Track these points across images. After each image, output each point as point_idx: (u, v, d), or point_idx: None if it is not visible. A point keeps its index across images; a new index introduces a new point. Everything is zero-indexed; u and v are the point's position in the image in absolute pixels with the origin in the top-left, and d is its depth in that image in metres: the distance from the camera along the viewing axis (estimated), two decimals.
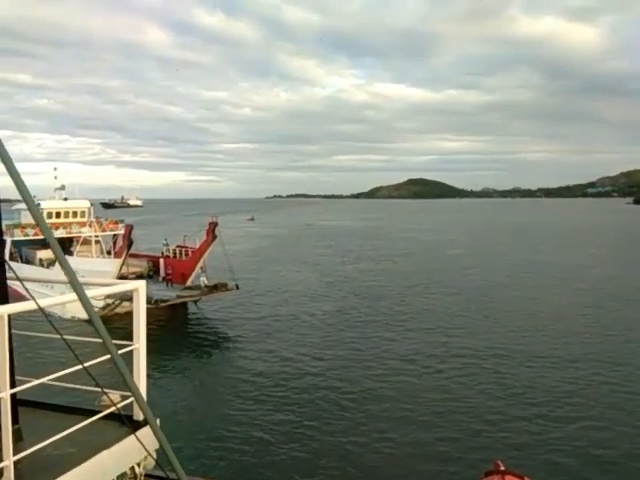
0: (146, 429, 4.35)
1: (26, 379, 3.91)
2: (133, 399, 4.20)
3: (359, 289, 38.23)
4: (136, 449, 4.32)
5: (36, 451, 3.58)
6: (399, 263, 52.73)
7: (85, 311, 3.34)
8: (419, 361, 21.40)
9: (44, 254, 34.61)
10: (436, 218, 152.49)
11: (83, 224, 36.99)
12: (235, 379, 19.90)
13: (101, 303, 26.61)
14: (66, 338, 3.87)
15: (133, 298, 4.64)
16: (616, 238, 78.12)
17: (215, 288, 29.59)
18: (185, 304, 30.67)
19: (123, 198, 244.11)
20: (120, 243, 33.43)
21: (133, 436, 4.29)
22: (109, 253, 35.10)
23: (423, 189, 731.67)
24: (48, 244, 3.25)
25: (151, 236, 57.67)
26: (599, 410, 16.45)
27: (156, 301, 26.90)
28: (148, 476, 5.03)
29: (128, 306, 23.88)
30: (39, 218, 3.15)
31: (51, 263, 32.13)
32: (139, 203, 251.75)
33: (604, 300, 33.37)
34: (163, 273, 31.95)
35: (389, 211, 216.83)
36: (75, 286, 3.27)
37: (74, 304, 3.41)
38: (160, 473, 4.97)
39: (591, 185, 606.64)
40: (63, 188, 39.53)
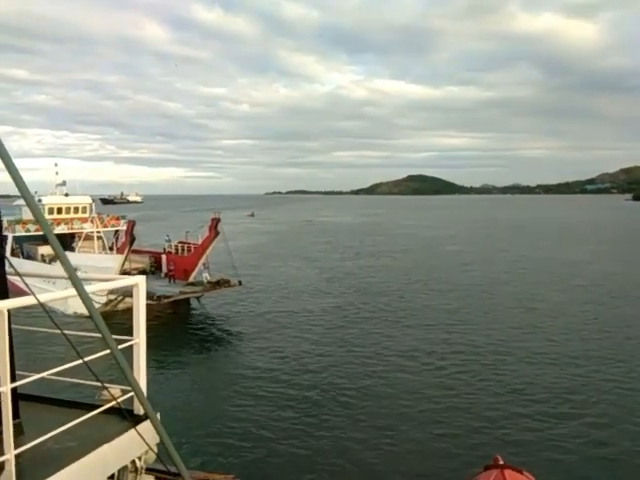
0: (146, 423, 4.41)
1: (27, 374, 3.91)
2: (133, 394, 4.28)
3: (359, 285, 38.28)
4: (137, 443, 4.35)
5: (37, 445, 3.59)
6: (399, 259, 52.76)
7: (85, 306, 3.38)
8: (418, 357, 21.44)
9: (46, 250, 34.28)
10: (435, 214, 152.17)
11: (85, 220, 36.86)
12: (236, 375, 19.97)
13: (104, 299, 26.60)
14: (66, 333, 3.89)
15: (133, 293, 4.69)
16: (615, 235, 78.23)
17: (218, 284, 29.60)
18: (187, 300, 30.65)
19: (122, 194, 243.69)
20: (122, 239, 33.44)
21: (134, 430, 4.32)
22: (111, 249, 35.08)
23: (423, 185, 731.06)
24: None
25: (151, 232, 57.72)
26: (599, 407, 16.47)
27: (159, 297, 27.00)
28: (149, 470, 5.08)
29: (130, 302, 23.84)
30: (38, 213, 3.16)
31: (53, 259, 32.04)
32: (138, 199, 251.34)
33: (603, 296, 33.46)
34: (165, 269, 31.94)
35: (389, 207, 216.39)
36: (75, 281, 3.31)
37: (76, 300, 3.41)
38: (161, 467, 5.09)
39: (590, 182, 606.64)
40: (64, 184, 39.36)
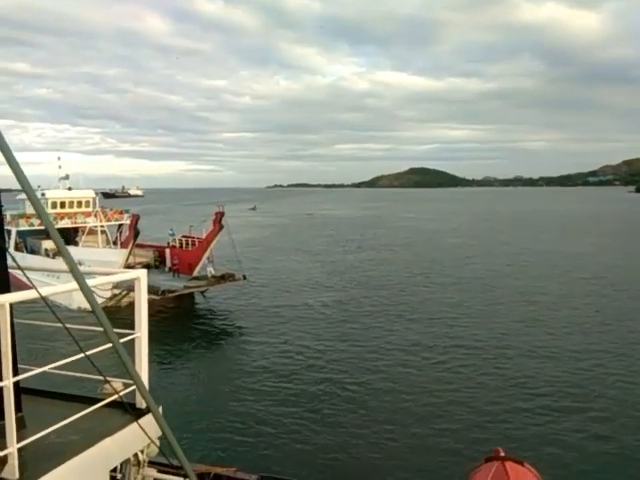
0: (148, 417, 4.41)
1: (29, 367, 3.92)
2: (135, 387, 4.28)
3: (360, 279, 38.26)
4: (139, 436, 4.37)
5: (39, 438, 3.61)
6: (400, 252, 52.69)
7: (86, 300, 3.38)
8: (420, 352, 21.43)
9: (49, 244, 34.23)
10: (437, 207, 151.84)
11: (88, 214, 36.75)
12: (238, 369, 20.02)
13: (108, 294, 26.62)
14: (69, 327, 3.90)
15: (135, 287, 4.67)
16: (617, 227, 77.85)
17: (222, 279, 29.56)
18: (192, 294, 30.70)
19: (124, 188, 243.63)
20: (126, 233, 33.43)
21: (136, 424, 4.33)
22: (115, 243, 35.10)
23: (424, 178, 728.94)
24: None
25: (153, 226, 57.77)
26: (601, 401, 16.45)
27: (163, 292, 27.00)
28: (151, 463, 5.10)
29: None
30: (39, 207, 3.14)
31: (57, 253, 32.13)
32: (140, 193, 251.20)
33: (605, 289, 33.44)
34: (169, 263, 31.88)
35: (390, 200, 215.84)
36: (76, 275, 3.30)
37: (80, 295, 3.41)
38: (163, 460, 5.14)
39: (593, 174, 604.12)
40: (67, 177, 39.22)
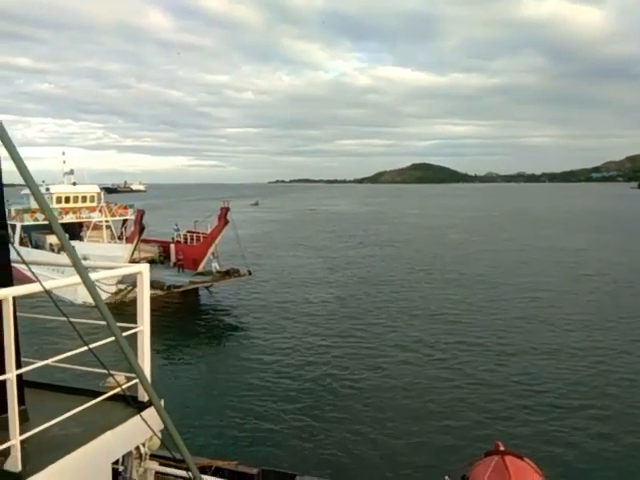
0: (151, 410, 4.38)
1: (32, 361, 3.93)
2: (138, 380, 4.27)
3: (362, 274, 38.25)
4: (141, 429, 4.35)
5: (42, 431, 3.61)
6: (402, 248, 52.64)
7: (89, 294, 3.36)
8: (421, 349, 21.41)
9: (54, 239, 34.32)
10: (439, 203, 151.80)
11: (93, 209, 36.72)
12: (241, 365, 20.05)
13: (113, 289, 26.58)
14: (72, 321, 3.90)
15: (137, 281, 4.63)
16: (620, 224, 77.71)
17: (227, 274, 29.54)
18: (196, 290, 30.71)
19: (126, 183, 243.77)
20: (130, 228, 33.32)
21: (138, 417, 4.33)
22: (119, 238, 35.00)
23: (427, 174, 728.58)
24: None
25: (156, 221, 57.62)
26: (602, 399, 16.38)
27: (169, 287, 26.99)
28: (153, 456, 5.12)
29: None
30: (42, 202, 3.14)
31: (62, 248, 32.04)
32: (142, 188, 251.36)
33: (608, 285, 33.37)
34: (174, 258, 31.87)
35: (392, 196, 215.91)
36: (79, 269, 3.28)
37: (84, 289, 3.41)
38: (165, 453, 5.07)
39: (596, 170, 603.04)
40: (72, 172, 39.28)
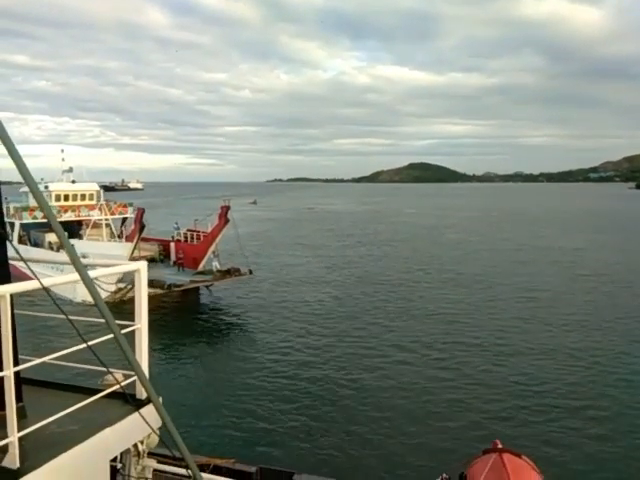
0: (149, 407, 4.38)
1: (30, 358, 3.92)
2: (136, 378, 4.27)
3: (360, 274, 38.16)
4: (139, 427, 4.35)
5: (40, 428, 3.61)
6: (400, 248, 52.59)
7: (87, 291, 3.34)
8: (419, 349, 21.35)
9: (53, 237, 34.14)
10: (437, 202, 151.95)
11: (92, 207, 36.49)
12: (240, 364, 19.99)
13: (112, 287, 26.41)
14: (71, 318, 3.89)
15: (135, 279, 4.62)
16: (617, 224, 77.80)
17: (228, 273, 29.40)
18: (197, 288, 30.56)
19: (124, 181, 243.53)
20: (130, 226, 33.12)
21: (136, 414, 4.31)
22: (119, 237, 34.80)
23: (424, 173, 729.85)
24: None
25: (154, 219, 57.33)
26: (600, 399, 16.34)
27: (169, 286, 26.83)
28: (151, 454, 5.12)
29: None
30: (41, 200, 3.13)
31: (61, 246, 31.79)
32: (139, 186, 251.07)
33: (606, 286, 33.34)
34: (174, 257, 31.71)
35: (390, 195, 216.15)
36: (78, 267, 3.27)
37: (84, 287, 3.39)
38: (163, 451, 5.09)
39: (593, 170, 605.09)
40: (71, 170, 39.06)
